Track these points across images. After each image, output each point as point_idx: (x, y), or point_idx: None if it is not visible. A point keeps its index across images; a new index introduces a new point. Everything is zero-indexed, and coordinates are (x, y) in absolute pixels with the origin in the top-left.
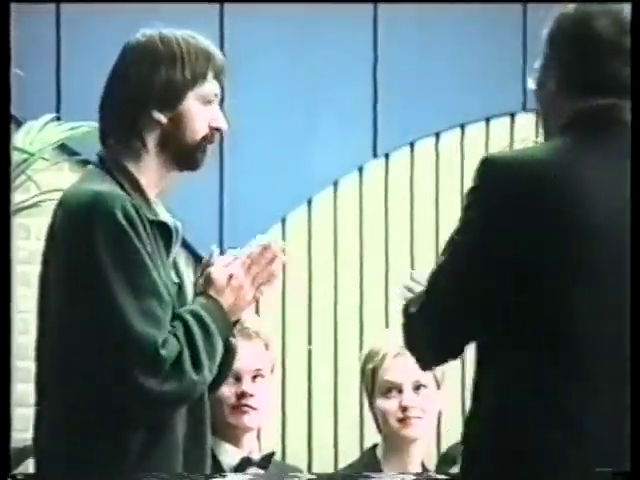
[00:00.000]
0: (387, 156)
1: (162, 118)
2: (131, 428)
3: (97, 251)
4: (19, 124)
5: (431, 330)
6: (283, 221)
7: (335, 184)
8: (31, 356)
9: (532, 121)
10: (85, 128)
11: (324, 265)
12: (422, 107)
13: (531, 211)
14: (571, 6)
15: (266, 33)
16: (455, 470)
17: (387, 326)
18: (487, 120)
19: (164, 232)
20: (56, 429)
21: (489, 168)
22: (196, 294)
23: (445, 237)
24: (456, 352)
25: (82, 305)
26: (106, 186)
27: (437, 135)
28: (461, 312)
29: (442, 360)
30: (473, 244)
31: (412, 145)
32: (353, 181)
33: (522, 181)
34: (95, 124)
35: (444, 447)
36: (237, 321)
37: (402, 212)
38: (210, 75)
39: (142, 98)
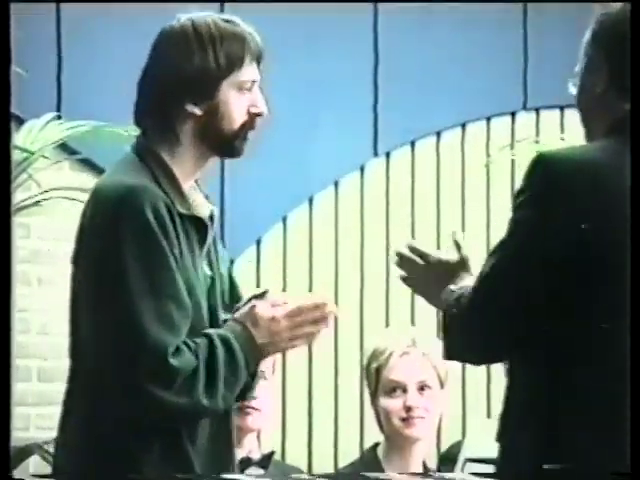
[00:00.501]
0: (388, 155)
1: (197, 111)
2: (142, 434)
3: (121, 249)
4: (20, 123)
5: (479, 331)
6: (284, 220)
7: (336, 183)
8: (30, 355)
9: (533, 120)
10: (86, 127)
11: (325, 264)
12: (423, 106)
13: (586, 212)
14: (614, 5)
15: (266, 33)
16: (455, 471)
17: (387, 326)
18: (488, 119)
19: (198, 225)
20: (78, 428)
21: (544, 167)
22: (233, 319)
23: (446, 236)
24: (503, 353)
25: (103, 303)
26: (139, 179)
27: (438, 134)
28: (511, 313)
29: (487, 361)
30: (526, 245)
31: (413, 144)
32: (354, 180)
33: (579, 181)
34: (95, 123)
35: (444, 447)
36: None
37: (403, 211)
38: (247, 60)
39: (174, 90)
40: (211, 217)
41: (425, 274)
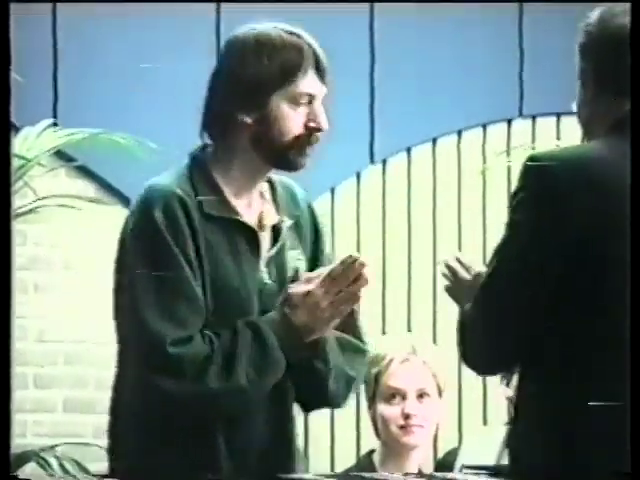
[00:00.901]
0: (384, 162)
1: (248, 119)
2: (160, 429)
3: (129, 244)
4: (17, 130)
5: (483, 336)
6: None
7: (332, 190)
8: (27, 362)
9: (529, 127)
10: (82, 134)
11: None
12: (419, 113)
13: (582, 211)
14: (594, 14)
15: None
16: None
17: (384, 331)
18: (484, 126)
19: (244, 231)
20: (118, 425)
21: (537, 167)
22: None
23: (442, 242)
24: (509, 359)
25: (117, 298)
26: (166, 180)
27: (434, 141)
28: (515, 316)
29: (494, 367)
30: (524, 247)
31: (409, 151)
32: (350, 187)
33: (573, 180)
34: (92, 130)
35: (440, 454)
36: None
37: (399, 218)
38: (303, 72)
39: (229, 98)
40: (276, 227)
41: (469, 287)
